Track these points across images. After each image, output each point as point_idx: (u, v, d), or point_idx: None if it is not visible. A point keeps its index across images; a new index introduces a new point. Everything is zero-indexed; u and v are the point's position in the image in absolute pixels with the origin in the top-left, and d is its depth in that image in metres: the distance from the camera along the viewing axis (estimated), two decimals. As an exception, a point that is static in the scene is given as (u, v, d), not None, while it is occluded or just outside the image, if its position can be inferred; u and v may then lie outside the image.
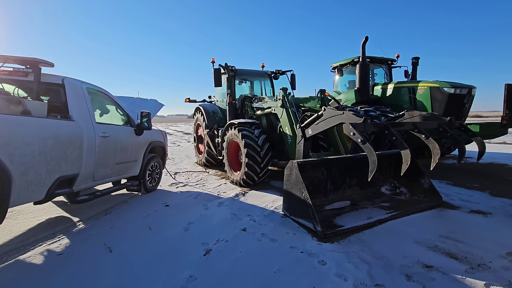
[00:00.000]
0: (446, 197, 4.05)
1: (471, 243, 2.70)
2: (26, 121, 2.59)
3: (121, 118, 4.27)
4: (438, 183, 4.90)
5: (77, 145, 3.11)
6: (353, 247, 2.68)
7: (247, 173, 4.84)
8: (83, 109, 3.32)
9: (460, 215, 3.48)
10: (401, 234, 2.94)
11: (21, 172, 2.48)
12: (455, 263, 2.38)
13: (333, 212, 3.54)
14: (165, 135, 5.34)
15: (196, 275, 2.25)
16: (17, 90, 3.28)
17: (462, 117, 6.31)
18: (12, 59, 3.12)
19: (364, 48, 6.77)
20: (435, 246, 2.66)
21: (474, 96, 6.43)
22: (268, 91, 7.45)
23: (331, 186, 3.85)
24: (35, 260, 2.52)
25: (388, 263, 2.38)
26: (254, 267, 2.36)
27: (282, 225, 3.27)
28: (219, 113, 7.08)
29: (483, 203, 3.90)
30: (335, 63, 8.42)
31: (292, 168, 3.34)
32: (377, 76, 8.14)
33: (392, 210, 3.55)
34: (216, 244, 2.80)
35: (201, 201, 4.25)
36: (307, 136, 3.85)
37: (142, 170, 4.53)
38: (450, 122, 3.67)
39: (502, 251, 2.54)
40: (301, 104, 5.11)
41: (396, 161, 4.21)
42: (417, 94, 6.55)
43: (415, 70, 7.78)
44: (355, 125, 2.98)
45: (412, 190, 4.11)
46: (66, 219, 3.57)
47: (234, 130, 5.16)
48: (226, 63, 6.34)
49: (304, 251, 2.63)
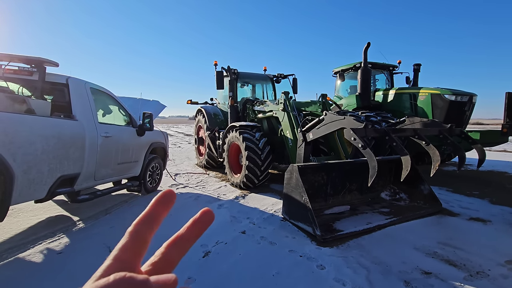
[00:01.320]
0: (445, 204, 4.05)
1: (470, 251, 2.70)
2: (29, 120, 2.61)
3: (124, 119, 4.30)
4: (438, 190, 4.90)
5: (80, 145, 3.13)
6: (352, 252, 2.68)
7: (247, 175, 4.85)
8: (86, 109, 3.35)
9: (459, 222, 3.48)
10: (400, 240, 2.94)
11: (24, 170, 2.49)
12: (453, 270, 2.38)
13: (332, 216, 3.55)
14: (166, 136, 5.36)
15: (195, 276, 2.26)
16: (21, 89, 3.31)
17: (462, 124, 6.33)
18: (18, 58, 3.16)
19: (366, 54, 6.80)
20: (434, 253, 2.67)
21: (475, 104, 6.45)
22: (270, 95, 7.48)
23: (331, 190, 3.86)
24: (35, 258, 2.53)
25: (387, 269, 2.38)
26: (253, 270, 2.37)
27: (281, 228, 3.27)
28: (220, 115, 7.11)
29: (482, 210, 3.90)
30: (337, 68, 8.46)
31: (292, 172, 3.35)
32: (379, 81, 8.18)
33: (391, 215, 3.56)
34: (215, 246, 2.80)
35: (201, 203, 4.26)
36: (308, 140, 3.87)
37: (143, 170, 4.55)
38: (451, 129, 3.69)
39: (501, 259, 2.55)
40: (303, 108, 5.13)
41: (396, 167, 4.22)
42: (418, 101, 6.57)
43: (417, 76, 7.82)
44: (356, 130, 2.99)
45: (412, 196, 4.11)
46: (66, 218, 3.58)
47: (235, 132, 5.18)
48: (229, 66, 6.38)
49: (303, 255, 2.63)
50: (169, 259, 0.29)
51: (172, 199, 0.32)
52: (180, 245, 0.30)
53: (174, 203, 0.32)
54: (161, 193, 0.32)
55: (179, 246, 0.30)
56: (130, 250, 0.27)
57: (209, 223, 0.32)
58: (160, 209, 0.30)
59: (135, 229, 0.28)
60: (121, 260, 0.26)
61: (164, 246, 0.30)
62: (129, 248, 0.27)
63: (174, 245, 0.30)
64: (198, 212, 0.32)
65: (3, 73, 3.12)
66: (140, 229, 0.29)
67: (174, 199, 0.32)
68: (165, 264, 0.29)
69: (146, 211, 0.30)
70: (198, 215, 0.32)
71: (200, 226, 0.32)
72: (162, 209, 0.31)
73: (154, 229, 0.29)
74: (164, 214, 0.31)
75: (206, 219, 0.32)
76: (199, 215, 0.32)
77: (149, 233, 0.29)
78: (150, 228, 0.29)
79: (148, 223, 0.29)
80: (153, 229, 0.29)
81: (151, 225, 0.29)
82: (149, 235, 0.29)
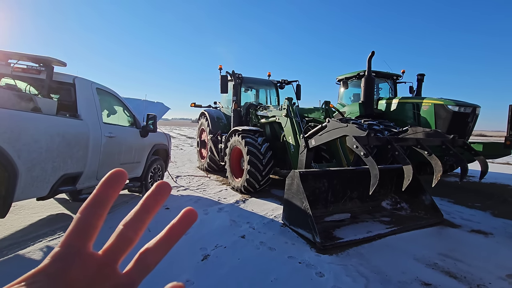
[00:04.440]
0: (447, 215, 4.03)
1: (471, 263, 2.68)
2: (35, 118, 2.64)
3: (128, 120, 4.33)
4: (440, 201, 4.87)
5: (83, 144, 3.16)
6: (352, 260, 2.67)
7: (248, 180, 4.85)
8: (91, 109, 3.38)
9: (460, 234, 3.45)
10: (400, 250, 2.92)
11: (28, 167, 2.52)
12: (454, 282, 2.36)
13: (332, 224, 3.53)
14: (169, 138, 5.39)
15: (193, 279, 2.26)
16: (28, 87, 3.36)
17: (465, 135, 6.31)
18: (27, 57, 3.21)
19: (370, 62, 6.84)
20: (434, 264, 2.65)
21: (478, 115, 6.44)
22: (273, 100, 7.52)
23: (332, 197, 3.85)
24: (35, 256, 2.54)
25: (386, 278, 2.37)
26: (251, 275, 2.36)
27: (281, 234, 3.26)
28: (223, 119, 7.15)
29: (484, 223, 3.87)
30: (340, 76, 8.50)
31: (293, 178, 3.35)
32: (382, 90, 8.20)
33: (392, 225, 3.54)
34: (215, 249, 2.80)
35: (201, 206, 4.26)
36: (310, 147, 3.88)
37: (145, 171, 4.57)
38: (453, 140, 3.68)
39: (502, 272, 2.52)
40: (305, 115, 5.15)
41: (398, 176, 4.21)
42: (421, 111, 6.57)
43: (420, 86, 7.84)
44: (359, 138, 3.00)
45: (413, 206, 4.09)
46: (66, 216, 3.59)
47: (237, 136, 5.20)
48: (233, 71, 6.44)
49: (302, 261, 2.62)
50: (145, 263, 0.28)
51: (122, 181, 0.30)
52: (159, 248, 0.29)
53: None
54: (109, 174, 0.30)
55: (157, 250, 0.29)
56: (75, 234, 0.27)
57: (191, 223, 0.31)
58: (109, 191, 0.29)
59: (80, 213, 0.28)
60: (67, 245, 0.26)
61: (139, 252, 0.29)
62: (74, 233, 0.27)
63: (152, 249, 0.29)
64: (181, 212, 0.31)
65: (11, 71, 3.17)
66: (86, 213, 0.28)
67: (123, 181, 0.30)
68: (141, 269, 0.28)
69: (92, 194, 0.29)
70: (181, 214, 0.31)
71: (181, 227, 0.30)
72: (111, 191, 0.29)
73: (101, 212, 0.28)
74: (113, 196, 0.29)
75: (189, 219, 0.31)
76: (181, 214, 0.31)
77: (96, 217, 0.28)
78: (95, 212, 0.28)
79: (94, 207, 0.28)
80: (100, 213, 0.28)
81: (97, 208, 0.28)
82: (96, 219, 0.28)
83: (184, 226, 0.31)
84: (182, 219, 0.31)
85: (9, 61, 3.22)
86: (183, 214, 0.31)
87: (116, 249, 0.28)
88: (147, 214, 0.30)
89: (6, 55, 3.18)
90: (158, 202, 0.31)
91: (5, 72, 3.19)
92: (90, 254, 0.27)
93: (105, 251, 0.28)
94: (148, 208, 0.30)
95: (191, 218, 0.31)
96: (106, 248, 0.29)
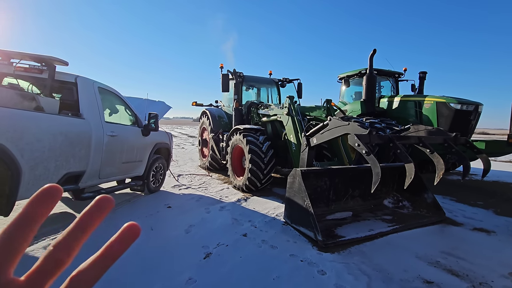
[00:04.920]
0: (449, 213, 4.02)
1: (473, 261, 2.67)
2: (38, 117, 2.66)
3: (129, 118, 4.35)
4: (442, 199, 4.86)
5: (86, 143, 3.17)
6: (354, 259, 2.67)
7: (250, 178, 4.86)
8: (93, 108, 3.40)
9: (463, 232, 3.45)
10: (402, 248, 2.92)
11: (31, 166, 2.53)
12: (456, 280, 2.35)
13: (334, 222, 3.53)
14: (170, 137, 5.40)
15: (196, 277, 2.27)
16: (31, 86, 3.37)
17: (468, 133, 6.28)
18: (29, 56, 3.22)
19: (372, 60, 6.81)
20: (436, 262, 2.64)
21: (481, 113, 6.41)
22: (275, 99, 7.51)
23: (334, 196, 3.85)
24: (37, 254, 2.55)
25: (388, 277, 2.37)
26: (253, 273, 2.37)
27: (283, 232, 3.27)
28: (225, 118, 7.15)
29: (486, 221, 3.86)
30: (342, 74, 8.47)
31: (295, 176, 3.35)
32: (384, 88, 8.16)
33: (394, 223, 3.53)
34: (217, 248, 2.81)
35: (203, 204, 4.27)
36: (312, 145, 3.87)
37: (147, 170, 4.58)
38: (456, 138, 3.67)
39: (505, 270, 2.52)
40: (307, 113, 5.14)
41: (400, 174, 4.20)
42: (423, 109, 6.55)
43: (422, 84, 7.80)
44: (360, 136, 2.99)
45: (415, 204, 4.08)
46: (69, 215, 3.62)
47: (239, 135, 5.20)
48: (235, 69, 6.43)
49: (304, 259, 2.63)
50: (84, 279, 0.26)
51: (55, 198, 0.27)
52: (94, 270, 0.27)
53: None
54: (41, 190, 0.27)
55: (92, 271, 0.26)
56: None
57: (133, 240, 0.28)
58: (38, 210, 0.26)
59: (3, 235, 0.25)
60: None
61: (70, 276, 0.26)
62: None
63: (86, 271, 0.26)
64: (122, 227, 0.28)
65: (14, 71, 3.18)
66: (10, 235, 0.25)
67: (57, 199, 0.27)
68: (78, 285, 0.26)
69: (20, 213, 0.26)
70: (121, 230, 0.28)
71: (121, 245, 0.28)
72: (41, 209, 0.26)
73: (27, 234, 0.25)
74: (44, 215, 0.26)
75: (130, 236, 0.28)
76: (122, 230, 0.28)
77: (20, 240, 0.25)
78: (20, 235, 0.25)
79: (20, 228, 0.25)
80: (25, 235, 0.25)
81: (23, 230, 0.25)
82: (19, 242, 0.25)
83: (125, 244, 0.28)
84: (123, 235, 0.28)
85: (11, 60, 3.23)
86: (123, 230, 0.28)
87: (42, 274, 0.25)
88: (82, 233, 0.27)
89: (9, 54, 3.20)
90: (96, 220, 0.28)
91: (7, 71, 3.21)
92: (9, 281, 0.24)
93: (28, 277, 0.25)
94: (83, 226, 0.27)
95: (133, 234, 0.28)
96: (30, 273, 0.25)
